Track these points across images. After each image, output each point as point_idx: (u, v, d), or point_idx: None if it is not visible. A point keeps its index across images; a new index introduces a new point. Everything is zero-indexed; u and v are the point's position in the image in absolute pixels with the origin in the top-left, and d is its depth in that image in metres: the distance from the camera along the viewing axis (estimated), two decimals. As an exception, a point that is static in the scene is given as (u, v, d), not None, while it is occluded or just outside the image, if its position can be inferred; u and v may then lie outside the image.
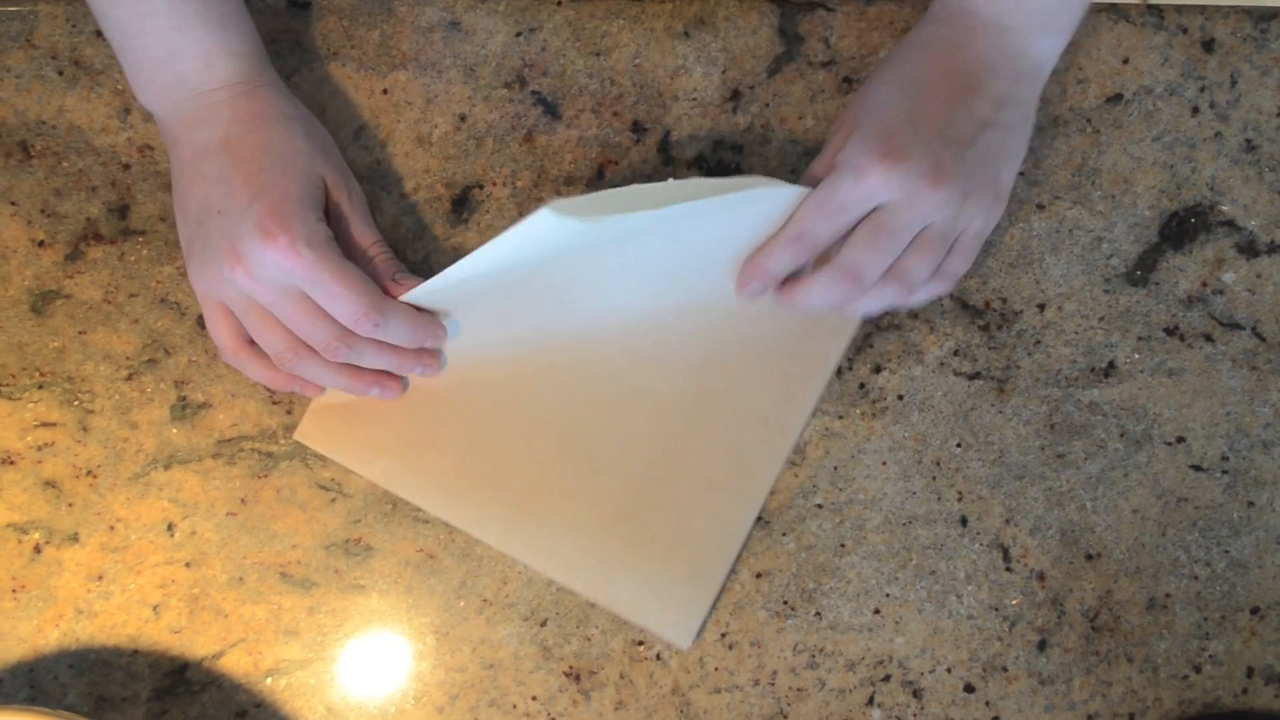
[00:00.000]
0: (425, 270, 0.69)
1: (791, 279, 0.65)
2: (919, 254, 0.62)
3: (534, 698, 0.67)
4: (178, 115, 0.65)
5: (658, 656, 0.67)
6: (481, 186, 0.70)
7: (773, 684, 0.67)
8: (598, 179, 0.70)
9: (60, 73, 0.71)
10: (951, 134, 0.61)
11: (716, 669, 0.67)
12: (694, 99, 0.70)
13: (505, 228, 0.68)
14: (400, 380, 0.67)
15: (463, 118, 0.70)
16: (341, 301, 0.61)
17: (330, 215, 0.65)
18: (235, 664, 0.67)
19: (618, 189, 0.61)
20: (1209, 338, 0.69)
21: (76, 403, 0.69)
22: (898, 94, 0.63)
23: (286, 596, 0.67)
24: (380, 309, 0.62)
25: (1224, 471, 0.68)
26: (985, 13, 0.64)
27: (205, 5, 0.63)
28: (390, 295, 0.64)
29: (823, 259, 0.64)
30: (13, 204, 0.70)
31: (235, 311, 0.64)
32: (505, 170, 0.70)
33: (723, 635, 0.67)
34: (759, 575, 0.68)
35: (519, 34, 0.71)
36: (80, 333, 0.69)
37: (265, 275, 0.61)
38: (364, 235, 0.66)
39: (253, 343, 0.65)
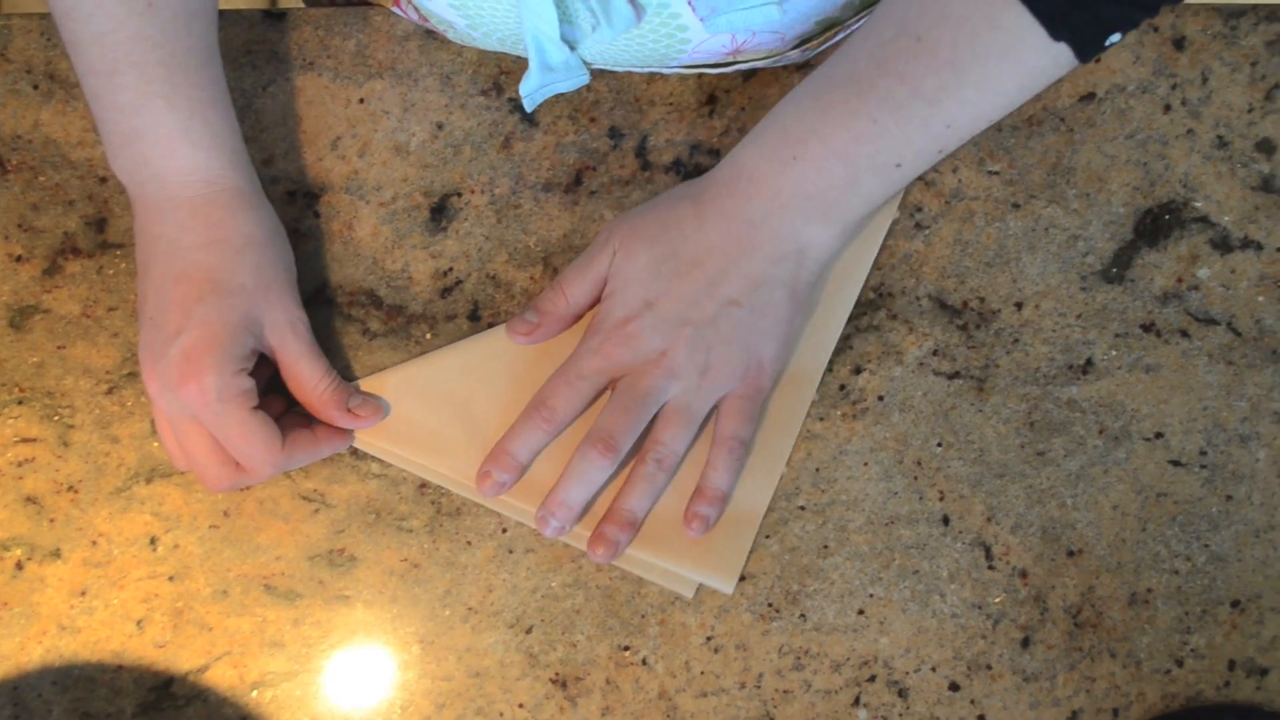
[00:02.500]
0: (404, 279, 0.69)
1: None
2: (667, 425, 0.65)
3: (520, 705, 0.67)
4: (140, 194, 0.64)
5: (643, 661, 0.67)
6: (460, 194, 0.70)
7: (759, 686, 0.67)
8: (575, 185, 0.70)
9: (35, 86, 0.71)
10: (691, 315, 0.64)
11: (702, 673, 0.67)
12: (670, 104, 0.71)
13: (484, 235, 0.69)
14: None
15: (440, 126, 0.71)
16: (244, 454, 0.63)
17: (271, 354, 0.65)
18: (220, 677, 0.67)
19: None
20: (1185, 333, 0.70)
21: (57, 418, 0.69)
22: (650, 270, 0.65)
23: (271, 609, 0.67)
24: (277, 463, 0.64)
25: (1202, 466, 0.69)
26: (764, 184, 0.64)
27: (173, 89, 0.62)
28: (351, 424, 0.67)
29: None
30: (-11, 219, 0.70)
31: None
32: (483, 178, 0.70)
33: (708, 639, 0.67)
34: (743, 578, 0.68)
35: (494, 42, 0.71)
36: (59, 347, 0.69)
37: (174, 403, 0.62)
38: (310, 372, 0.65)
39: None
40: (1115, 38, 0.58)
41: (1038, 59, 0.58)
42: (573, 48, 0.64)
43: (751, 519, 0.68)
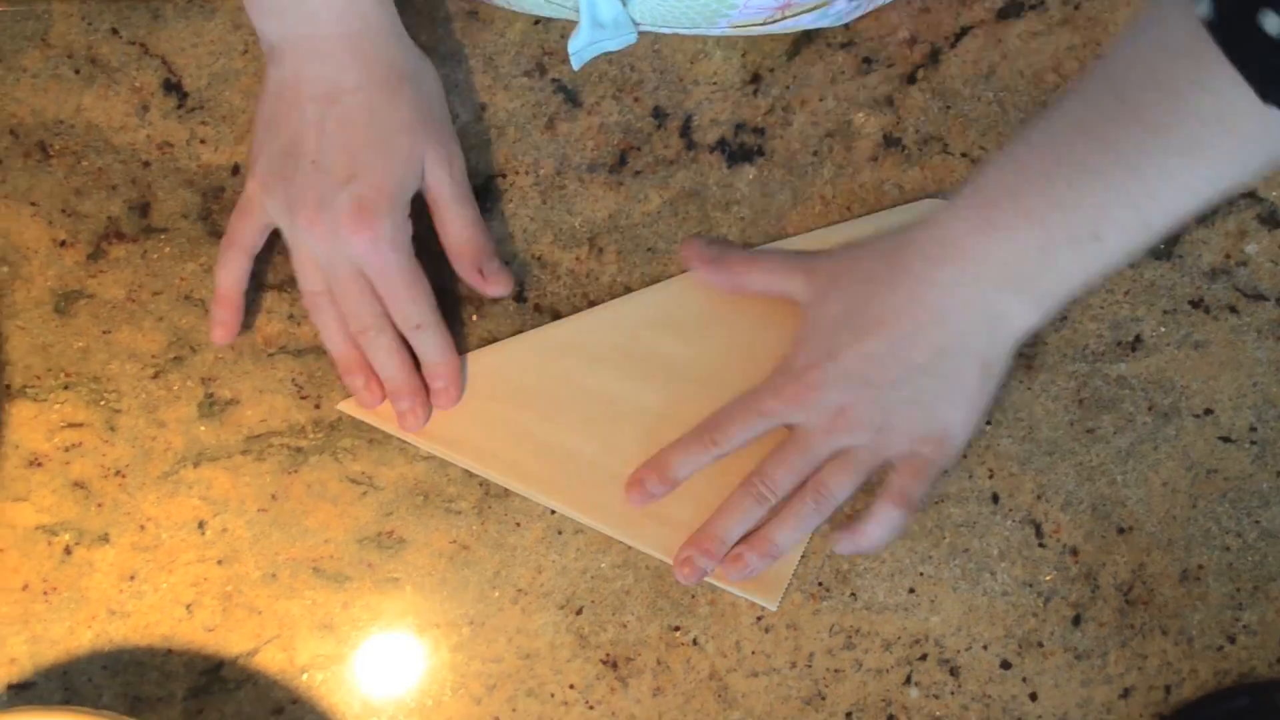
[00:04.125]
0: (449, 260, 0.69)
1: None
2: (835, 471, 0.64)
3: (571, 686, 0.67)
4: (289, 40, 0.64)
5: (694, 642, 0.67)
6: (505, 175, 0.70)
7: (809, 666, 0.67)
8: (620, 165, 0.70)
9: (77, 71, 0.71)
10: (873, 375, 0.63)
11: (753, 652, 0.67)
12: (714, 83, 0.70)
13: (529, 216, 0.69)
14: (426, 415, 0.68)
15: (483, 107, 0.70)
16: (398, 301, 0.65)
17: (426, 193, 0.66)
18: (270, 661, 0.67)
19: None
20: (1234, 309, 0.69)
21: (103, 402, 0.68)
22: (840, 321, 0.64)
23: (320, 591, 0.67)
24: (425, 321, 0.65)
25: (1252, 442, 0.68)
26: (958, 247, 0.61)
27: None
28: (479, 284, 0.67)
29: None
30: (33, 204, 0.70)
31: (289, 244, 0.66)
32: (528, 159, 0.70)
33: (758, 619, 0.67)
34: (793, 558, 0.68)
35: (537, 22, 0.71)
36: (105, 332, 0.69)
37: (338, 250, 0.63)
38: (460, 216, 0.66)
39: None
40: None
41: (1248, 125, 0.53)
42: (624, 3, 0.64)
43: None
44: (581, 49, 0.65)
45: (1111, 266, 0.60)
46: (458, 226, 0.66)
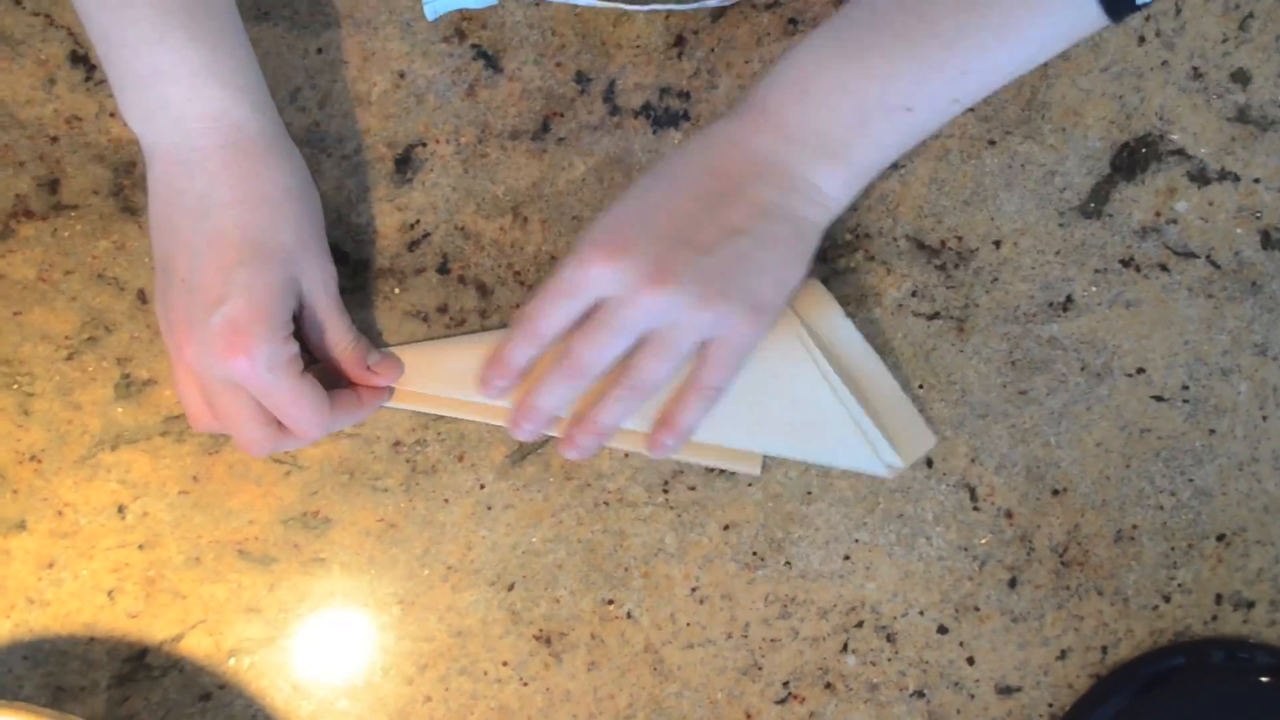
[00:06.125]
0: (370, 232, 0.68)
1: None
2: (645, 354, 0.61)
3: (505, 663, 0.66)
4: (161, 144, 0.60)
5: (628, 615, 0.66)
6: (425, 144, 0.68)
7: (745, 636, 0.66)
8: (543, 131, 0.68)
9: (-21, 45, 0.68)
10: (689, 236, 0.60)
11: (688, 624, 0.66)
12: (638, 46, 0.69)
13: (450, 186, 0.67)
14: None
15: (402, 74, 0.69)
16: (293, 418, 0.61)
17: (303, 309, 0.62)
18: (196, 646, 0.65)
19: None
20: (1164, 267, 0.69)
21: (16, 386, 0.67)
22: (649, 184, 0.62)
23: (245, 574, 0.66)
24: (324, 426, 0.62)
25: (1184, 400, 0.68)
26: (774, 115, 0.61)
27: (193, 20, 0.57)
28: (369, 382, 0.65)
29: None
30: (-63, 183, 0.67)
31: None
32: (448, 126, 0.68)
33: (693, 590, 0.66)
34: (726, 527, 0.67)
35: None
36: (15, 313, 0.67)
37: (215, 373, 0.59)
38: (337, 328, 0.63)
39: None
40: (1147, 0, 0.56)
41: (1064, 11, 0.56)
42: None
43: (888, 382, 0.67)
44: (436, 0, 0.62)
45: (920, 137, 0.61)
46: (336, 338, 0.63)
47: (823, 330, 0.66)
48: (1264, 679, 0.67)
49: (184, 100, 0.58)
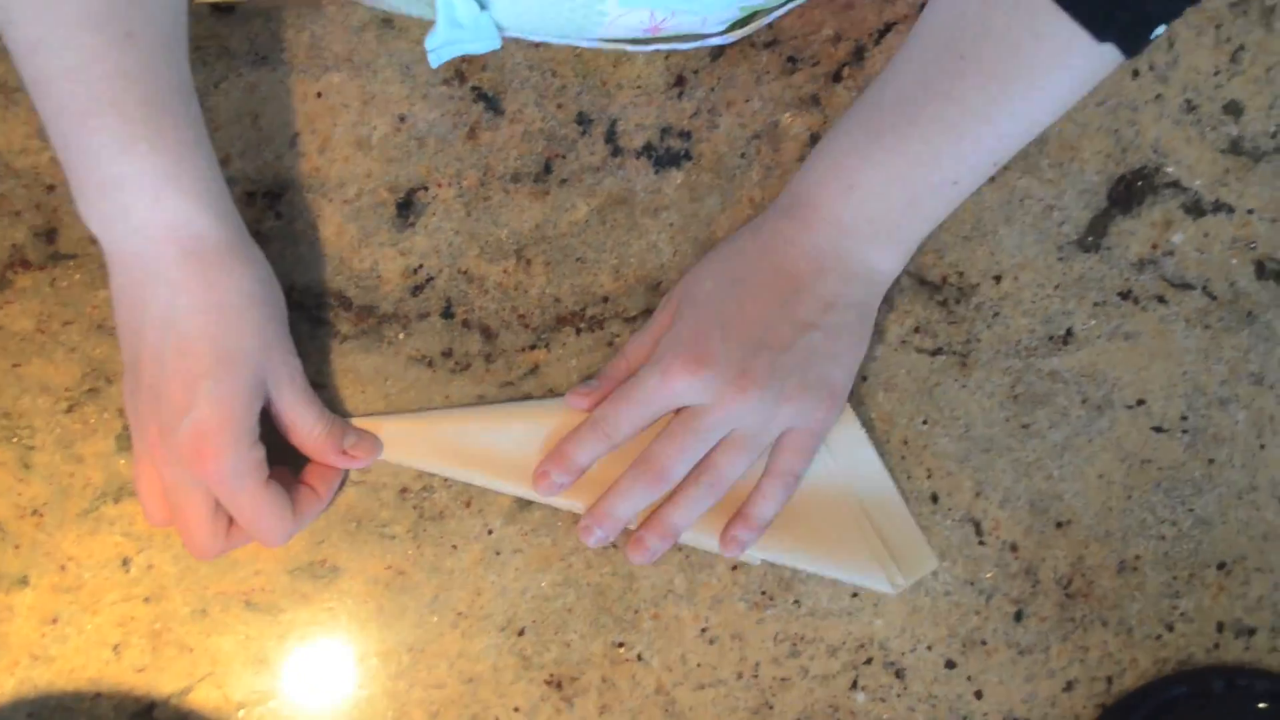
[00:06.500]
0: (373, 278, 0.67)
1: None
2: (727, 452, 0.63)
3: (516, 709, 0.66)
4: (120, 250, 0.58)
5: (639, 657, 0.66)
6: (427, 188, 0.68)
7: (756, 676, 0.67)
8: (546, 173, 0.68)
9: (-29, 93, 0.67)
10: (766, 338, 0.62)
11: (699, 665, 0.66)
12: (638, 87, 0.69)
13: (453, 229, 0.67)
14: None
15: (402, 118, 0.68)
16: (255, 526, 0.60)
17: (270, 405, 0.61)
18: (205, 698, 0.65)
19: None
20: (1162, 299, 0.70)
21: (16, 439, 0.66)
22: (719, 292, 0.64)
23: (253, 625, 0.65)
24: (286, 533, 0.61)
25: (1184, 431, 0.69)
26: (825, 211, 0.63)
27: (158, 130, 0.56)
28: (346, 465, 0.65)
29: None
30: (-70, 234, 0.66)
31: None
32: (450, 170, 0.68)
33: (703, 630, 0.66)
34: (734, 567, 0.67)
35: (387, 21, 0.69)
36: (14, 365, 0.66)
37: (182, 478, 0.58)
38: (305, 418, 0.62)
39: None
40: (1161, 29, 0.57)
41: (1085, 62, 0.57)
42: (483, 7, 0.61)
43: (897, 503, 0.67)
44: (439, 47, 0.62)
45: (964, 199, 0.64)
46: (308, 428, 0.63)
47: (841, 450, 0.67)
48: (1262, 705, 0.67)
49: (145, 209, 0.57)
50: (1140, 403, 0.69)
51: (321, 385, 0.66)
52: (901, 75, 0.62)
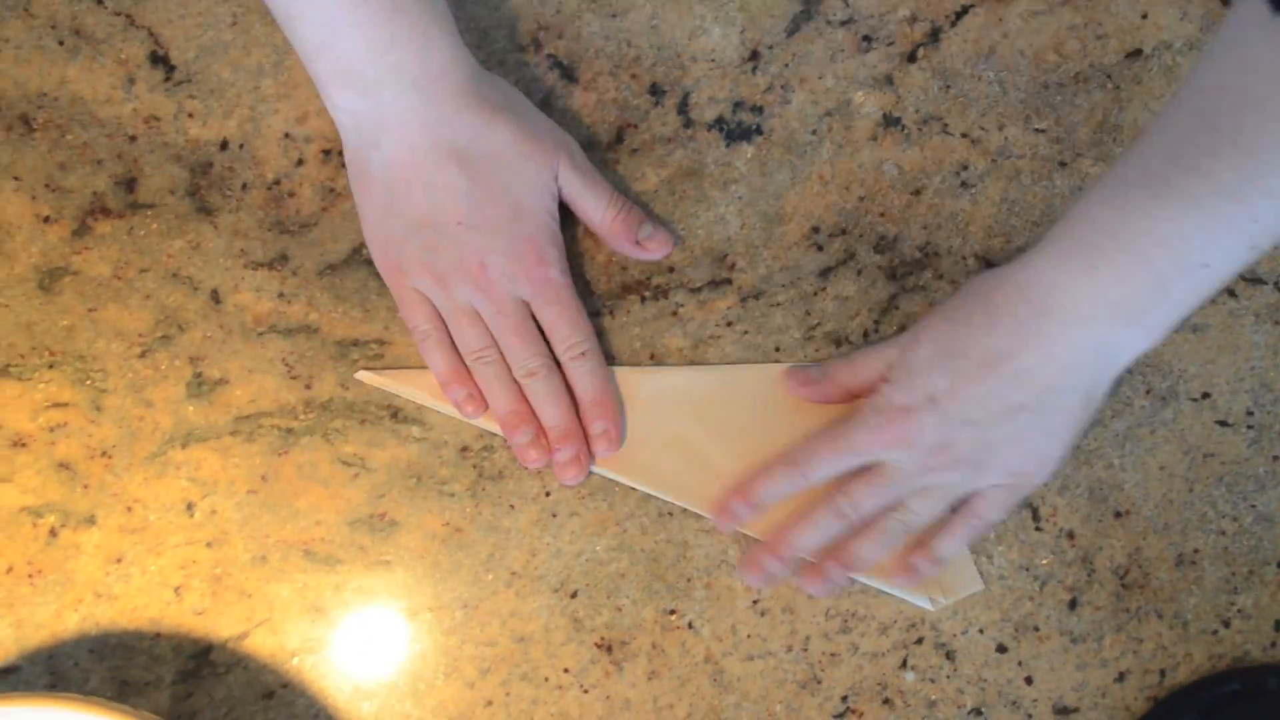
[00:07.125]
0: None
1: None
2: (925, 500, 0.64)
3: (566, 670, 0.66)
4: (386, 113, 0.63)
5: (689, 625, 0.66)
6: (499, 153, 0.69)
7: (805, 649, 0.67)
8: (617, 143, 0.69)
9: (60, 43, 0.69)
10: (976, 416, 0.62)
11: (749, 636, 0.67)
12: (712, 60, 0.69)
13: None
14: (547, 457, 0.67)
15: (478, 83, 0.69)
16: (566, 326, 0.66)
17: (561, 193, 0.66)
18: (261, 644, 0.66)
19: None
20: (1232, 293, 0.69)
21: (89, 382, 0.67)
22: (937, 363, 0.63)
23: (311, 574, 0.66)
24: (589, 347, 0.66)
25: (1249, 426, 0.68)
26: (1062, 296, 0.60)
27: None
28: (639, 253, 0.68)
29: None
30: (16, 179, 0.68)
31: (441, 310, 0.66)
32: (522, 136, 0.69)
33: (754, 602, 0.67)
34: (789, 541, 0.67)
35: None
36: (90, 310, 0.68)
37: (505, 291, 0.64)
38: (596, 202, 0.67)
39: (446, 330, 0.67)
40: None
41: None
42: None
43: None
44: None
45: (1221, 285, 0.58)
46: (600, 210, 0.67)
47: None
48: (1319, 706, 0.67)
49: (417, 61, 0.62)
50: (1205, 396, 0.68)
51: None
52: (1150, 147, 0.57)
